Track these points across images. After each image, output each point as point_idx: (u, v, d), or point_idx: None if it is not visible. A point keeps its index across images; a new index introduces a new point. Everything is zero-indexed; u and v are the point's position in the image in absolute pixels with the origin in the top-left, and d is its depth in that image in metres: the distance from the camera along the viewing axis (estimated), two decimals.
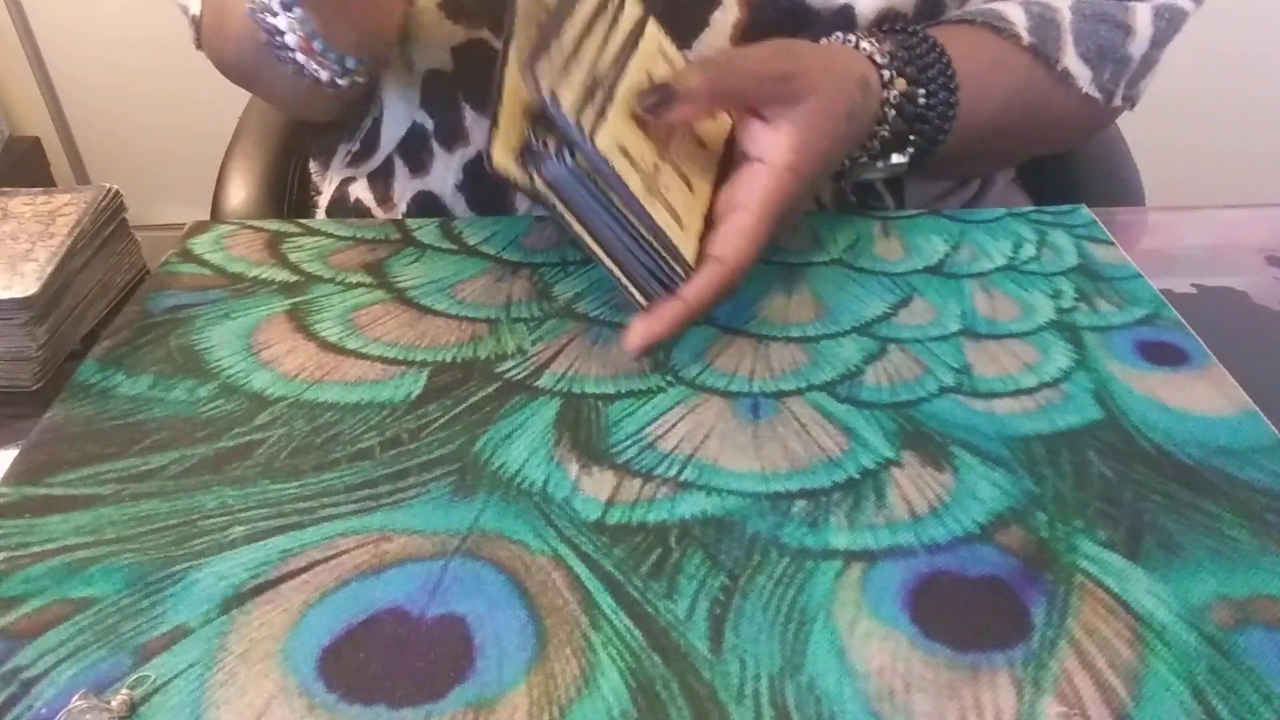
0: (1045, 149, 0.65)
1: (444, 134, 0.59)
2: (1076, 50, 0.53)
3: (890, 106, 0.49)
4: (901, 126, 0.50)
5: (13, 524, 0.34)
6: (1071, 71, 0.53)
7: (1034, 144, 0.61)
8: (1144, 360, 0.42)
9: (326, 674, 0.29)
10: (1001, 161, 0.64)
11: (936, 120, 0.50)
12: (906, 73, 0.49)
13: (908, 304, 0.46)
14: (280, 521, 0.34)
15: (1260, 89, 1.68)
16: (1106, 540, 0.33)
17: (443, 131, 0.59)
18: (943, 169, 0.58)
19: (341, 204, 0.65)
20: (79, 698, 0.28)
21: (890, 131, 0.49)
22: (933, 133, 0.50)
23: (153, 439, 0.38)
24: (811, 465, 0.37)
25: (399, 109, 0.60)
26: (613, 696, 0.28)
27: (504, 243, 0.51)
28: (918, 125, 0.50)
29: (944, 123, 0.50)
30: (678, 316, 0.40)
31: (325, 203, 0.66)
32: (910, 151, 0.51)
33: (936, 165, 0.53)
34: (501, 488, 0.36)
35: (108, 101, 1.80)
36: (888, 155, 0.51)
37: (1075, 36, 0.53)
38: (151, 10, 1.57)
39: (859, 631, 0.30)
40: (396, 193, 0.62)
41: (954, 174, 0.62)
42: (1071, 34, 0.53)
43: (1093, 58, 0.54)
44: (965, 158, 0.55)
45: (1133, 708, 0.28)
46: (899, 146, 0.51)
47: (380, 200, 0.62)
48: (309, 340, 0.43)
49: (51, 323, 0.42)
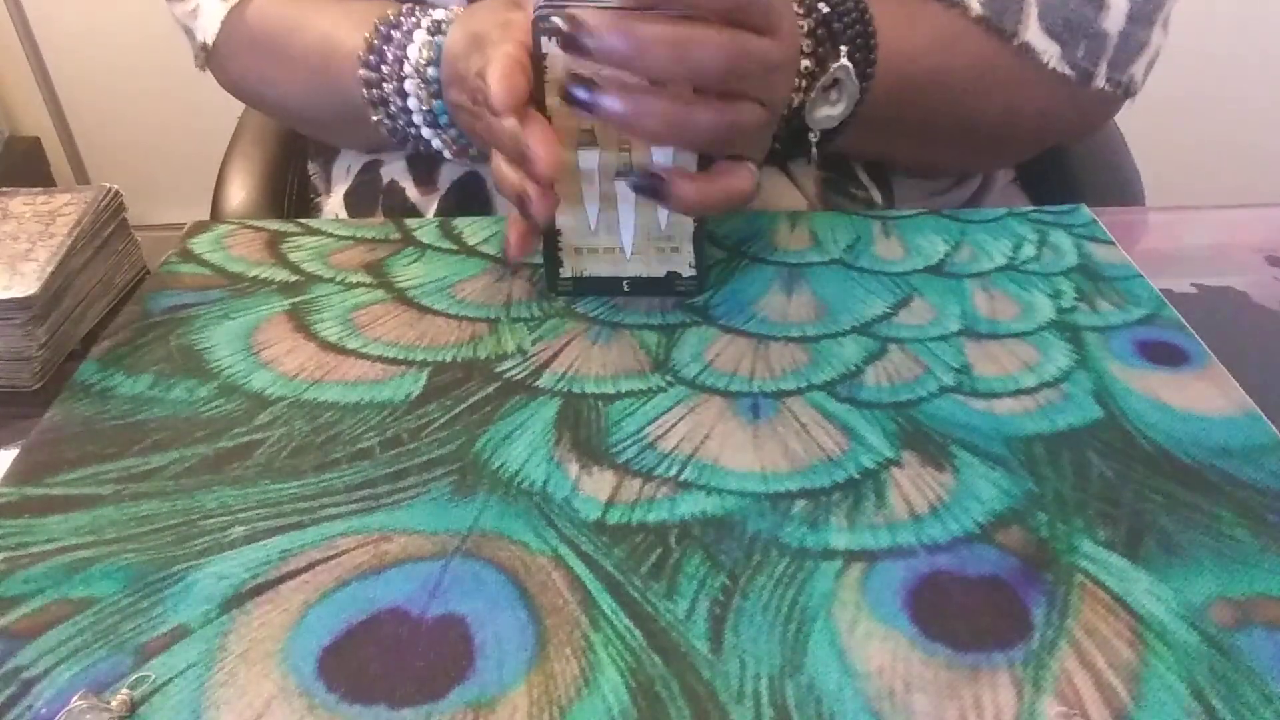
0: (1033, 139, 0.60)
1: None
2: (1041, 24, 0.52)
3: (806, 37, 0.48)
4: (824, 56, 0.48)
5: (13, 524, 0.34)
6: (1034, 46, 0.51)
7: (1015, 131, 0.57)
8: (1144, 360, 0.42)
9: (326, 674, 0.29)
10: (986, 152, 0.61)
11: (854, 36, 0.48)
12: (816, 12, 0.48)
13: (908, 304, 0.46)
14: (280, 521, 0.34)
15: (1260, 88, 1.68)
16: (1106, 540, 0.33)
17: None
18: (911, 149, 0.56)
19: (370, 188, 0.63)
20: (79, 698, 0.28)
21: (813, 65, 0.48)
22: (860, 62, 0.49)
23: (153, 439, 0.38)
24: (811, 465, 0.37)
25: None
26: (613, 696, 0.28)
27: (504, 242, 0.51)
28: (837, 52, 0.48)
29: (867, 48, 0.49)
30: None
31: (345, 189, 0.65)
32: (841, 78, 0.48)
33: (895, 132, 0.52)
34: (501, 488, 0.36)
35: (108, 101, 1.80)
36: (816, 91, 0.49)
37: (1041, 10, 0.52)
38: (152, 10, 1.57)
39: (859, 631, 0.30)
40: (442, 175, 0.60)
41: (936, 163, 0.60)
42: (1036, 7, 0.52)
43: (1060, 32, 0.52)
44: (922, 124, 0.54)
45: (1133, 708, 0.28)
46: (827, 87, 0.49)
47: (421, 182, 0.60)
48: (309, 340, 0.43)
49: (51, 323, 0.42)
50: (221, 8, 0.61)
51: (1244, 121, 1.71)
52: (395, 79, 0.51)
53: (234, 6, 0.60)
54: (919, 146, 0.56)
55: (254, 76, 0.63)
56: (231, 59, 0.62)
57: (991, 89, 0.53)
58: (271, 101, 0.66)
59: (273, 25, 0.60)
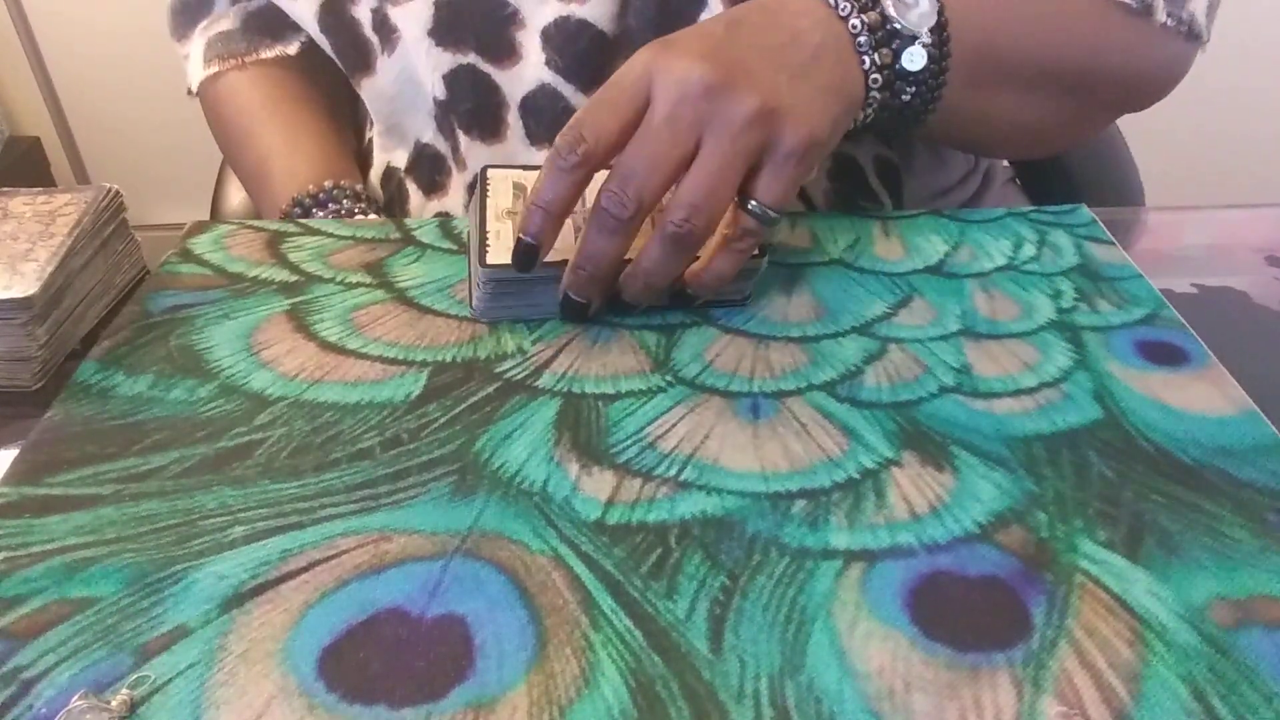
0: (1118, 87, 0.55)
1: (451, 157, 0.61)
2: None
3: (857, 16, 0.44)
4: (881, 30, 0.44)
5: (13, 524, 0.34)
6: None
7: (1101, 76, 0.53)
8: (1144, 360, 0.42)
9: (326, 674, 0.29)
10: (1066, 101, 0.54)
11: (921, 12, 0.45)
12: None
13: (908, 304, 0.46)
14: (280, 521, 0.34)
15: (1260, 88, 1.68)
16: (1106, 540, 0.33)
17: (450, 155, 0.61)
18: (1007, 102, 0.51)
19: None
20: (79, 698, 0.28)
21: (873, 44, 0.44)
22: (929, 32, 0.45)
23: (153, 439, 0.38)
24: (811, 465, 0.37)
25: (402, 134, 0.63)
26: (613, 696, 0.28)
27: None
28: (894, 27, 0.45)
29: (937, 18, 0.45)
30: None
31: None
32: (917, 61, 0.45)
33: (981, 99, 0.49)
34: (501, 488, 0.36)
35: (108, 101, 1.80)
36: (894, 79, 0.45)
37: None
38: (152, 10, 1.57)
39: (859, 631, 0.30)
40: (413, 214, 0.63)
41: (1030, 119, 0.54)
42: None
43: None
44: (1010, 72, 0.50)
45: (1133, 708, 0.28)
46: (893, 82, 0.45)
47: (427, 190, 0.63)
48: (309, 340, 0.43)
49: (51, 323, 0.42)
50: (200, 71, 0.66)
51: (1244, 121, 1.71)
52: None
53: (208, 76, 0.65)
54: (1015, 97, 0.52)
55: (218, 136, 0.69)
56: (205, 110, 0.68)
57: (1069, 25, 0.51)
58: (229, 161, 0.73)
59: (229, 117, 0.66)
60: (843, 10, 0.44)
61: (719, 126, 0.40)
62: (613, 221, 0.40)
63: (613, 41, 0.54)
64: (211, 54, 0.64)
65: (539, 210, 0.41)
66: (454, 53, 0.55)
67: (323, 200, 0.58)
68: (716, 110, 0.40)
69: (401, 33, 0.56)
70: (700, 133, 0.40)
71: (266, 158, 0.63)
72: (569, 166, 0.40)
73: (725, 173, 0.40)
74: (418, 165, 0.62)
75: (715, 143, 0.40)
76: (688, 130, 0.40)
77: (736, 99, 0.40)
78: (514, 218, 0.45)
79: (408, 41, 0.56)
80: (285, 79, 0.65)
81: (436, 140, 0.60)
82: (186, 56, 0.67)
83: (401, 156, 0.63)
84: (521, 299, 0.43)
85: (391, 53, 0.57)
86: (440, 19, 0.55)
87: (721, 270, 0.43)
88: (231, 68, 0.64)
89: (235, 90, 0.64)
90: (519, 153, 0.57)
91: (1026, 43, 0.50)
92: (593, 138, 0.40)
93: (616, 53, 0.54)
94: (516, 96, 0.56)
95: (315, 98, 0.65)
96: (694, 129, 0.40)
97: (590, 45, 0.53)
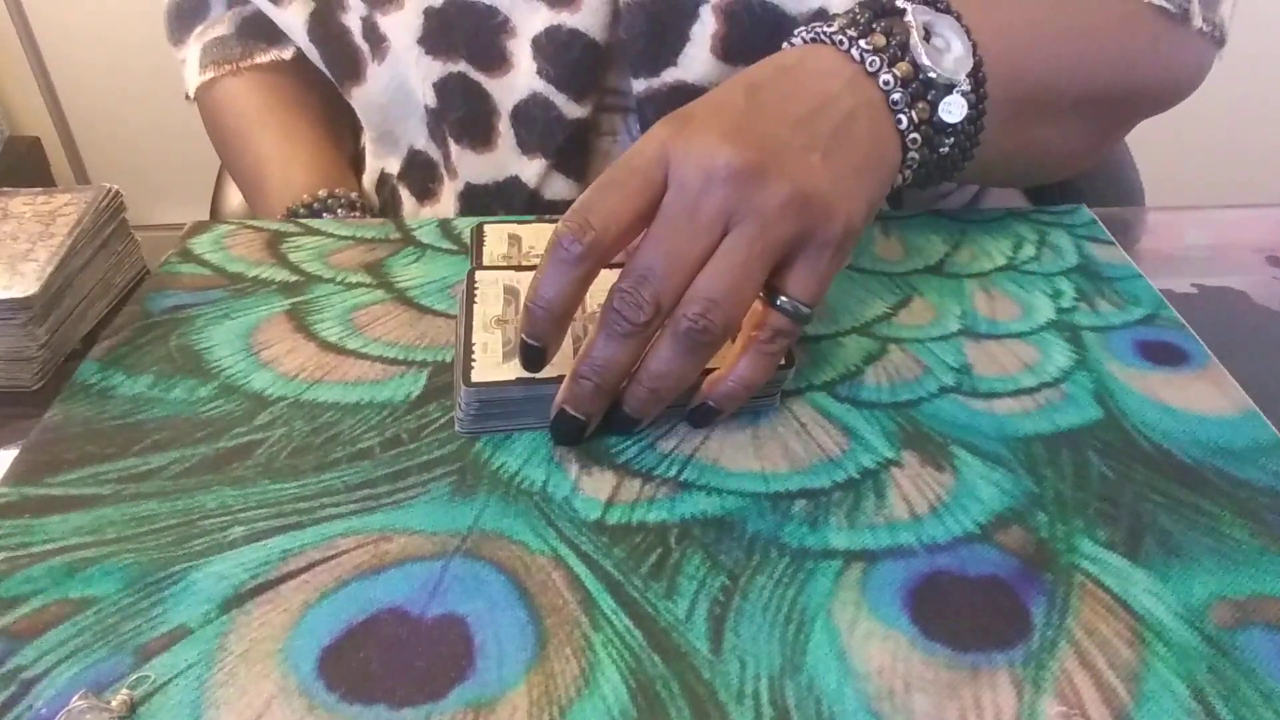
0: (1152, 92, 0.52)
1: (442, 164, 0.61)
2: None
3: (877, 54, 0.40)
4: (907, 69, 0.40)
5: (13, 524, 0.34)
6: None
7: (1134, 85, 0.50)
8: (1144, 360, 0.42)
9: (326, 674, 0.29)
10: (1102, 120, 0.52)
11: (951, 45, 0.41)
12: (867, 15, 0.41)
13: (908, 304, 0.46)
14: (280, 521, 0.34)
15: (1261, 88, 1.68)
16: (1106, 540, 0.33)
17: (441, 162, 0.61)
18: (1048, 125, 0.48)
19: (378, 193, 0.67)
20: (79, 698, 0.28)
21: (908, 100, 0.40)
22: (963, 73, 0.41)
23: (153, 439, 0.38)
24: (811, 465, 0.37)
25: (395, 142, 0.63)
26: (613, 696, 0.28)
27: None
28: (929, 72, 0.40)
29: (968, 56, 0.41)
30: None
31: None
32: (960, 108, 0.41)
33: (1024, 124, 0.45)
34: (501, 488, 0.36)
35: (108, 101, 1.80)
36: (936, 125, 0.41)
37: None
38: (152, 10, 1.57)
39: (859, 631, 0.30)
40: (444, 190, 0.62)
41: (1070, 141, 0.51)
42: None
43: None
44: (1040, 113, 0.47)
45: (1133, 708, 0.28)
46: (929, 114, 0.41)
47: (420, 195, 0.64)
48: (309, 340, 0.43)
49: (51, 323, 0.42)
50: (196, 76, 0.66)
51: (1244, 121, 1.71)
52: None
53: (204, 82, 0.65)
54: (1054, 127, 0.49)
55: (215, 141, 0.69)
56: (202, 115, 0.68)
57: (1105, 39, 0.49)
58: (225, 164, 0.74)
59: (225, 123, 0.66)
60: (871, 66, 0.40)
61: (748, 217, 0.35)
62: (625, 325, 0.35)
63: (604, 51, 0.54)
64: (207, 59, 0.64)
65: (540, 311, 0.35)
66: (444, 61, 0.55)
67: (317, 210, 0.58)
68: (745, 199, 0.35)
69: (391, 41, 0.56)
70: (726, 225, 0.35)
71: (261, 165, 0.63)
72: (573, 258, 0.34)
73: (751, 266, 0.35)
74: (410, 171, 0.62)
75: (743, 234, 0.35)
76: (712, 222, 0.35)
77: (767, 186, 0.35)
78: (504, 326, 0.40)
79: (398, 50, 0.56)
80: (281, 84, 0.65)
81: (429, 147, 0.60)
82: (183, 62, 0.67)
83: (394, 163, 0.63)
84: (511, 419, 0.38)
85: (382, 61, 0.57)
86: (430, 27, 0.55)
87: (749, 377, 0.37)
88: (227, 73, 0.64)
89: (231, 96, 0.65)
90: (509, 162, 0.57)
91: (1064, 64, 0.47)
92: (601, 225, 0.34)
93: (608, 62, 0.54)
94: (507, 105, 0.56)
95: (311, 102, 0.65)
96: (719, 221, 0.35)
97: (582, 54, 0.53)
